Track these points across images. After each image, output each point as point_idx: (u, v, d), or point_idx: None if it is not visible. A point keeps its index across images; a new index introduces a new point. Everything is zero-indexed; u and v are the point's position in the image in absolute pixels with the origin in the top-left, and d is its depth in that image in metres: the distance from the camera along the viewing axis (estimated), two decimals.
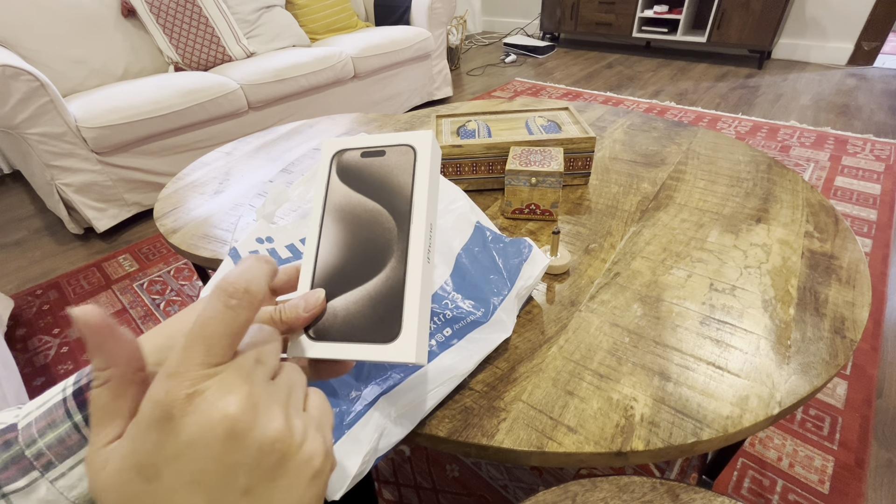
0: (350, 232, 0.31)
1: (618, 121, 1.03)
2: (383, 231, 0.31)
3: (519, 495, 0.81)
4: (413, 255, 0.30)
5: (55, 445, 0.24)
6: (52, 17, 1.62)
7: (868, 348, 1.03)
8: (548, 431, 0.40)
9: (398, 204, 0.31)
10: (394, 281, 0.29)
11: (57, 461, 0.24)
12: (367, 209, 0.31)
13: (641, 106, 2.44)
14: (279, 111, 1.94)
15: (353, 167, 0.32)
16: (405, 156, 0.32)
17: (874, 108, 2.23)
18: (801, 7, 2.84)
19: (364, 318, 0.29)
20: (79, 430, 0.24)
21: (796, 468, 0.82)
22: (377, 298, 0.29)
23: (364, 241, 0.30)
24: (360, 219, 0.31)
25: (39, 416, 0.25)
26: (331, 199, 0.31)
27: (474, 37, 4.17)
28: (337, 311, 0.29)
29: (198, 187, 0.87)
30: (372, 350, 0.28)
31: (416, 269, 0.30)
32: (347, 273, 0.30)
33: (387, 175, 0.32)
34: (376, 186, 0.32)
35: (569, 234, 0.67)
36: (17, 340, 1.21)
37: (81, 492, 0.25)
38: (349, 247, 0.30)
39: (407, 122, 1.09)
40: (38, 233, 1.67)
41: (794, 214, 0.67)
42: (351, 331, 0.28)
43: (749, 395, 0.42)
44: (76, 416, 0.25)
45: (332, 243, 0.30)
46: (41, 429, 0.24)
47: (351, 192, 0.31)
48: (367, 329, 0.28)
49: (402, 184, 0.31)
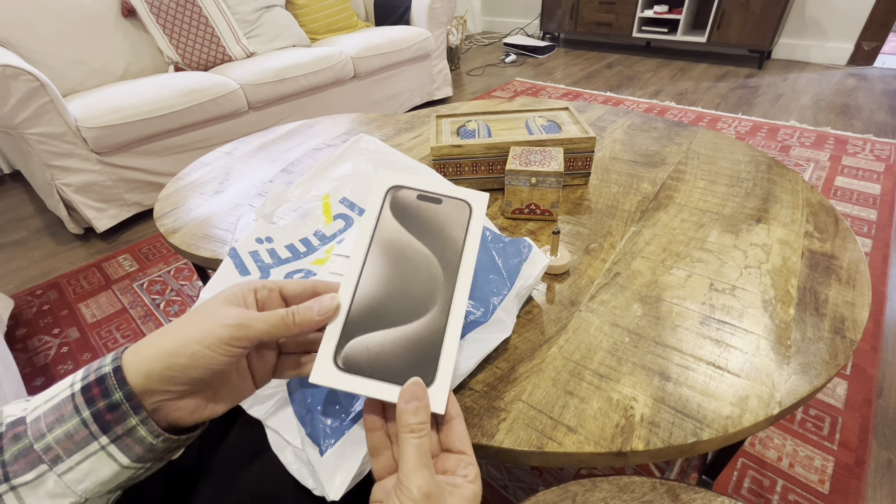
0: (396, 269, 0.31)
1: (618, 121, 1.03)
2: (430, 277, 0.31)
3: (519, 495, 0.81)
4: (456, 308, 0.31)
5: (63, 440, 0.24)
6: (52, 17, 1.62)
7: (868, 348, 1.03)
8: (548, 431, 0.40)
9: (448, 255, 0.32)
10: (434, 329, 0.30)
11: (65, 455, 0.24)
12: (417, 251, 0.31)
13: (641, 106, 2.43)
14: (279, 111, 1.94)
15: (409, 207, 0.33)
16: (461, 210, 0.33)
17: (874, 108, 2.23)
18: (801, 7, 2.84)
19: (398, 360, 0.28)
20: (87, 425, 0.25)
21: (796, 468, 0.82)
22: (415, 342, 0.29)
23: (409, 281, 0.31)
24: (408, 259, 0.31)
25: (48, 411, 0.25)
26: (380, 231, 0.32)
27: (474, 37, 4.17)
28: (370, 347, 0.29)
29: (198, 187, 0.87)
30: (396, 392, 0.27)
31: (458, 323, 0.30)
32: (387, 309, 0.30)
33: (441, 224, 0.33)
34: (429, 232, 0.32)
35: (569, 234, 0.67)
36: (17, 340, 1.21)
37: (88, 486, 0.25)
38: (393, 283, 0.30)
39: (407, 122, 1.09)
40: (38, 233, 1.67)
41: (794, 214, 0.67)
42: (382, 369, 0.28)
43: (749, 395, 0.42)
44: (84, 412, 0.25)
45: (376, 275, 0.30)
46: (50, 423, 0.25)
47: (402, 231, 0.32)
48: (399, 371, 0.28)
49: (455, 237, 0.32)
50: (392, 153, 0.60)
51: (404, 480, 0.24)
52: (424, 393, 0.27)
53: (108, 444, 0.25)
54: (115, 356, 0.26)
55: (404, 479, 0.24)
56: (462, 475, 0.27)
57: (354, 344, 0.29)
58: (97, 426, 0.25)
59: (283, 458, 0.37)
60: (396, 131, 1.04)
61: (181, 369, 0.26)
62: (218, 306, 0.27)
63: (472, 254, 0.32)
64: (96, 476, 0.25)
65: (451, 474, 0.27)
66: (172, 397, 0.27)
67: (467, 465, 0.27)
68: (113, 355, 0.26)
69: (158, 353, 0.26)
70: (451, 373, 0.29)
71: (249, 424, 0.41)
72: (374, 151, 0.61)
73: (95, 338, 1.20)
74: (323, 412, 0.37)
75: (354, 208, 0.55)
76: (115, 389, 0.25)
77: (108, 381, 0.25)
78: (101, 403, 0.25)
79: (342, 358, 0.28)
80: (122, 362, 0.26)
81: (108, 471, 0.25)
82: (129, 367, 0.26)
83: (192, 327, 0.26)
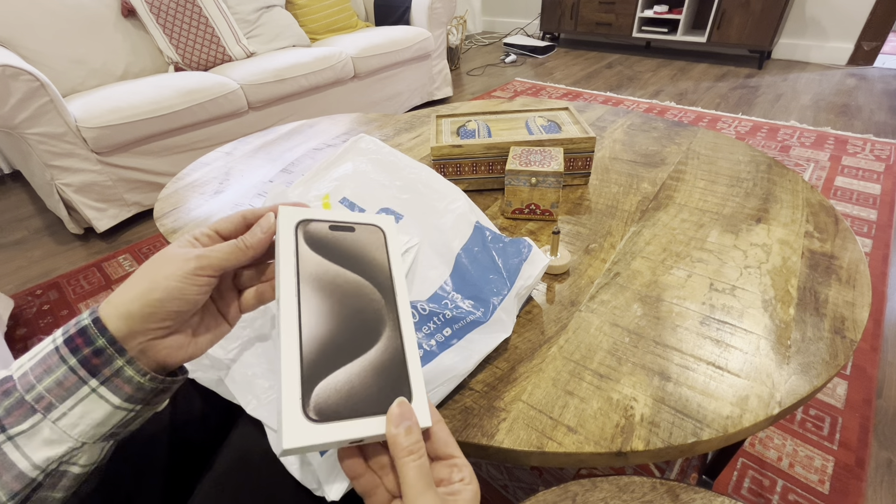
0: (334, 302, 0.30)
1: (618, 121, 1.03)
2: (371, 302, 0.31)
3: (519, 495, 0.81)
4: (405, 323, 0.31)
5: (54, 388, 0.25)
6: (52, 17, 1.62)
7: (868, 348, 1.03)
8: (548, 431, 0.40)
9: (379, 277, 0.32)
10: (394, 350, 0.30)
11: (57, 402, 0.25)
12: (349, 281, 0.31)
13: (641, 106, 2.44)
14: (279, 111, 1.94)
15: (324, 239, 0.32)
16: (375, 235, 0.34)
17: (874, 108, 2.23)
18: (801, 7, 2.84)
19: (371, 390, 0.28)
20: (75, 371, 0.26)
21: (796, 468, 0.82)
22: (381, 368, 0.29)
23: (353, 311, 0.30)
24: (344, 290, 0.30)
25: (34, 365, 0.26)
26: (304, 268, 0.30)
27: (474, 37, 4.17)
28: (339, 387, 0.27)
29: (198, 187, 0.87)
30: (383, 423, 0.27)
31: (412, 337, 0.31)
32: (340, 344, 0.28)
33: (361, 249, 0.33)
34: (353, 259, 0.32)
35: (569, 234, 0.67)
36: (17, 340, 1.21)
37: (83, 429, 0.26)
38: (338, 317, 0.29)
39: (407, 122, 1.09)
40: (38, 233, 1.67)
41: (794, 214, 0.67)
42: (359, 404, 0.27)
43: (749, 395, 0.42)
44: (70, 360, 0.26)
45: (316, 313, 0.29)
46: (38, 375, 0.26)
47: (327, 263, 0.31)
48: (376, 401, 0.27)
49: (379, 259, 0.33)
50: (392, 153, 0.60)
51: None
52: (411, 411, 0.27)
53: (97, 386, 0.26)
54: (91, 310, 0.27)
55: None
56: (458, 480, 0.27)
57: (321, 389, 0.26)
58: (85, 371, 0.26)
59: (283, 459, 0.37)
60: (396, 131, 1.04)
61: (158, 304, 0.27)
62: (173, 250, 0.29)
63: (401, 271, 0.33)
64: (90, 419, 0.26)
65: (448, 483, 0.27)
66: (156, 336, 0.28)
67: (461, 469, 0.28)
68: (89, 310, 0.27)
69: (133, 296, 0.27)
70: (423, 385, 0.29)
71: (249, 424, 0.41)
72: (373, 152, 0.61)
73: None
74: None
75: (354, 208, 0.55)
76: (98, 336, 0.26)
77: (89, 331, 0.26)
78: (85, 350, 0.26)
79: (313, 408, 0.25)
80: (99, 314, 0.27)
81: (101, 412, 0.26)
82: (107, 316, 0.27)
83: (157, 268, 0.28)
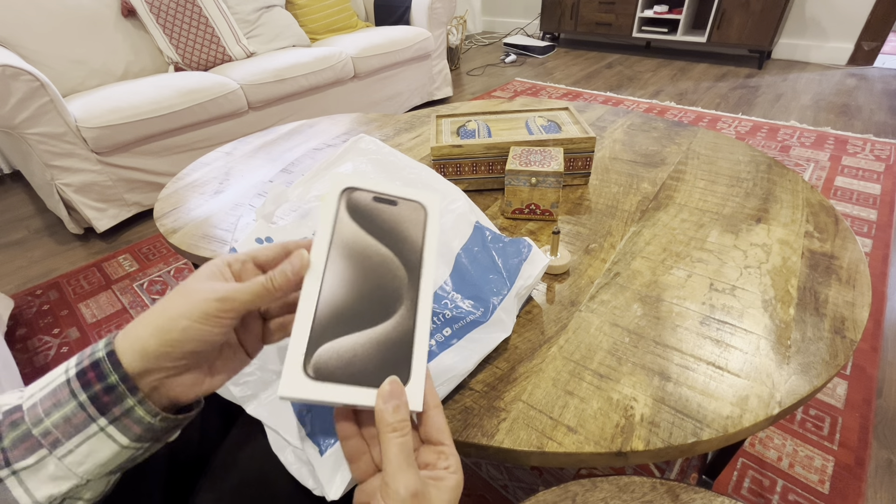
0: (358, 272, 0.30)
1: (618, 121, 1.03)
2: (393, 278, 0.31)
3: (519, 495, 0.81)
4: (423, 306, 0.30)
5: (62, 424, 0.25)
6: (52, 17, 1.62)
7: (868, 348, 1.03)
8: (548, 431, 0.40)
9: (409, 255, 0.31)
10: (404, 329, 0.29)
11: (64, 439, 0.25)
12: (379, 253, 0.31)
13: (641, 106, 2.43)
14: (279, 111, 1.93)
15: (365, 209, 0.32)
16: (416, 212, 0.33)
17: (874, 108, 2.23)
18: (801, 7, 2.83)
19: (370, 363, 0.28)
20: (84, 408, 0.25)
21: (796, 468, 0.82)
22: (386, 344, 0.29)
23: (373, 284, 0.30)
24: (371, 261, 0.31)
25: (44, 397, 0.25)
26: (339, 233, 0.31)
27: (474, 37, 4.17)
28: (342, 352, 0.28)
29: (198, 187, 0.87)
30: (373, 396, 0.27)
31: (426, 321, 0.30)
32: (354, 313, 0.29)
33: (399, 225, 0.32)
34: (388, 233, 0.32)
35: (569, 234, 0.67)
36: (17, 340, 1.21)
37: (89, 467, 0.25)
38: (357, 287, 0.30)
39: (407, 122, 1.09)
40: (38, 233, 1.67)
41: (794, 214, 0.67)
42: (355, 373, 0.28)
43: (749, 395, 0.42)
44: (81, 395, 0.25)
45: (339, 279, 0.30)
46: (47, 408, 0.25)
47: (361, 233, 0.31)
48: (374, 374, 0.28)
49: (414, 237, 0.32)
50: (392, 153, 0.60)
51: (390, 481, 0.24)
52: (402, 391, 0.27)
53: (106, 425, 0.25)
54: (107, 341, 0.26)
55: (390, 481, 0.24)
56: (443, 467, 0.27)
57: (324, 351, 0.27)
58: (95, 408, 0.25)
59: (283, 458, 0.37)
60: (396, 131, 1.04)
61: (175, 344, 0.26)
62: (199, 282, 0.28)
63: (433, 253, 0.32)
64: (96, 457, 0.25)
65: (433, 468, 0.27)
66: (171, 374, 0.27)
67: (448, 457, 0.28)
68: (105, 340, 0.27)
69: (151, 332, 0.26)
70: (424, 370, 0.29)
71: (249, 424, 0.41)
72: (373, 152, 0.61)
73: (95, 338, 1.20)
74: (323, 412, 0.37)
75: None
76: (111, 372, 0.25)
77: (102, 365, 0.25)
78: (97, 387, 0.25)
79: (312, 366, 0.27)
80: (115, 346, 0.26)
81: (108, 452, 0.26)
82: (122, 350, 0.26)
83: (178, 304, 0.27)
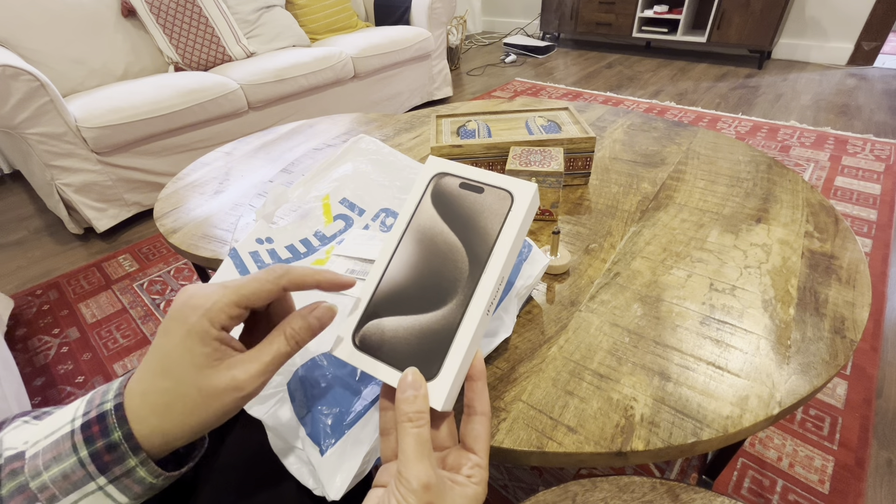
0: (424, 258, 0.31)
1: (618, 121, 1.03)
2: (455, 269, 0.30)
3: (519, 495, 0.81)
4: (475, 304, 0.29)
5: (59, 480, 0.24)
6: (52, 17, 1.62)
7: (868, 348, 1.03)
8: (548, 431, 0.40)
9: (478, 248, 0.30)
10: (448, 323, 0.29)
11: (61, 495, 0.24)
12: (447, 242, 0.31)
13: (641, 106, 2.43)
14: (279, 111, 1.94)
15: (448, 195, 0.32)
16: (502, 201, 0.31)
17: (874, 108, 2.23)
18: (801, 7, 2.84)
19: (408, 347, 0.29)
20: (84, 466, 0.24)
21: (796, 468, 0.82)
22: (427, 334, 0.29)
23: (434, 272, 0.30)
24: (438, 249, 0.31)
25: (47, 448, 0.25)
26: (417, 217, 0.32)
27: (474, 37, 4.17)
28: (385, 331, 0.29)
29: (198, 187, 0.87)
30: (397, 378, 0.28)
31: (474, 319, 0.29)
32: (408, 296, 0.30)
33: (477, 214, 0.31)
34: (463, 222, 0.31)
35: (569, 234, 0.67)
36: (17, 340, 1.21)
37: None
38: (418, 272, 0.30)
39: (407, 122, 1.09)
40: (38, 233, 1.67)
41: (794, 214, 0.67)
42: (391, 353, 0.29)
43: (749, 395, 0.42)
44: (82, 451, 0.24)
45: (405, 261, 0.31)
46: (47, 461, 0.24)
47: (437, 219, 0.31)
48: (407, 359, 0.28)
49: (490, 229, 0.30)
50: (392, 153, 0.60)
51: (403, 471, 0.24)
52: (422, 383, 0.27)
53: (105, 484, 0.25)
54: (117, 391, 0.26)
55: (403, 470, 0.24)
56: (467, 474, 0.27)
57: (372, 325, 0.30)
58: (94, 467, 0.24)
59: (282, 458, 0.37)
60: (396, 131, 1.04)
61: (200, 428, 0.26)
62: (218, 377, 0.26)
63: (506, 247, 0.30)
64: None
65: (456, 471, 0.27)
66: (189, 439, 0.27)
67: (474, 466, 0.27)
68: (116, 389, 0.26)
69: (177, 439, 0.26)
70: (456, 370, 0.28)
71: (249, 424, 0.41)
72: (373, 152, 0.61)
73: (95, 338, 1.20)
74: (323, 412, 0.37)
75: (354, 209, 0.55)
76: (115, 429, 0.25)
77: (108, 419, 0.25)
78: (99, 443, 0.24)
79: (359, 336, 0.29)
80: (124, 399, 0.25)
81: None
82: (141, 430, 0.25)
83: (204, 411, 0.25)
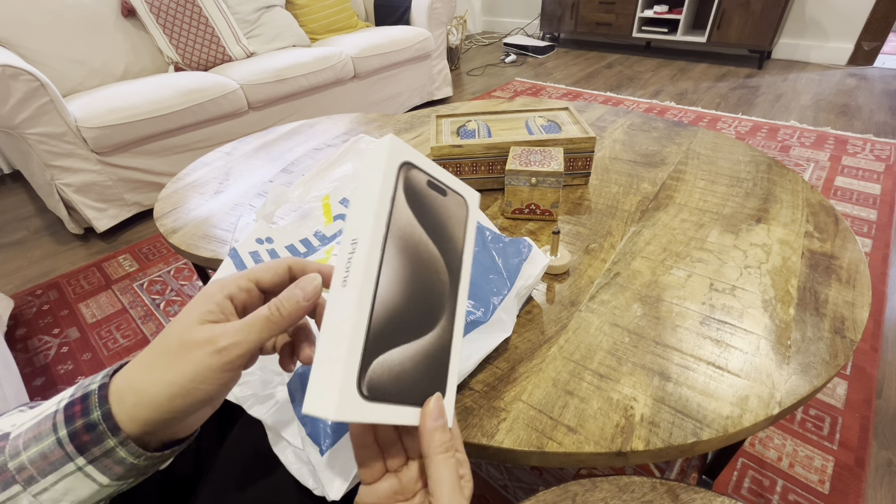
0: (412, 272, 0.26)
1: (618, 121, 1.03)
2: (439, 283, 0.27)
3: (519, 495, 0.81)
4: (459, 315, 0.28)
5: (38, 460, 0.23)
6: (51, 17, 1.62)
7: (868, 348, 1.03)
8: (548, 431, 0.40)
9: (451, 258, 0.28)
10: (444, 342, 0.27)
11: (39, 476, 0.23)
12: (428, 252, 0.27)
13: (641, 106, 2.43)
14: (279, 111, 1.93)
15: (420, 194, 0.27)
16: (460, 208, 0.30)
17: (874, 108, 2.23)
18: (801, 7, 2.83)
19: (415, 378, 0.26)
20: (62, 445, 0.24)
21: (796, 468, 0.82)
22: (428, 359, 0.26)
23: (423, 288, 0.27)
24: (422, 261, 0.27)
25: (29, 428, 0.24)
26: (396, 219, 0.25)
27: (474, 37, 4.17)
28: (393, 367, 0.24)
29: (198, 187, 0.87)
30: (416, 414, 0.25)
31: (459, 331, 0.28)
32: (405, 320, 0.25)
33: (445, 220, 0.29)
34: (436, 229, 0.28)
35: (569, 234, 0.67)
36: (17, 340, 1.21)
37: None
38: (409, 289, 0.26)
39: (407, 122, 1.09)
40: (38, 233, 1.67)
41: (794, 214, 0.67)
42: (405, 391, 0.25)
43: (749, 395, 0.42)
44: (61, 430, 0.24)
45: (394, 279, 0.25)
46: (27, 441, 0.24)
47: (416, 224, 0.27)
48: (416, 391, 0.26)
49: (457, 237, 0.29)
50: None
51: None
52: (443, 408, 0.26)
53: (84, 464, 0.24)
54: (108, 372, 0.25)
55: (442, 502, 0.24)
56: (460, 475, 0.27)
57: (378, 366, 0.23)
58: (73, 447, 0.24)
59: (283, 458, 0.37)
60: (396, 131, 1.04)
61: (184, 410, 0.25)
62: (198, 331, 0.25)
63: (469, 257, 0.29)
64: (75, 495, 0.24)
65: None
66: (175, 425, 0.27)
67: (461, 464, 0.28)
68: (108, 371, 0.26)
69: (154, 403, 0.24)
70: (455, 383, 0.28)
71: (249, 425, 0.41)
72: None
73: (95, 338, 1.20)
74: None
75: None
76: (95, 408, 0.24)
77: (90, 399, 0.24)
78: (79, 422, 0.24)
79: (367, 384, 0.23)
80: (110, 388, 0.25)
81: (87, 490, 0.25)
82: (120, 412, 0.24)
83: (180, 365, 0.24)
